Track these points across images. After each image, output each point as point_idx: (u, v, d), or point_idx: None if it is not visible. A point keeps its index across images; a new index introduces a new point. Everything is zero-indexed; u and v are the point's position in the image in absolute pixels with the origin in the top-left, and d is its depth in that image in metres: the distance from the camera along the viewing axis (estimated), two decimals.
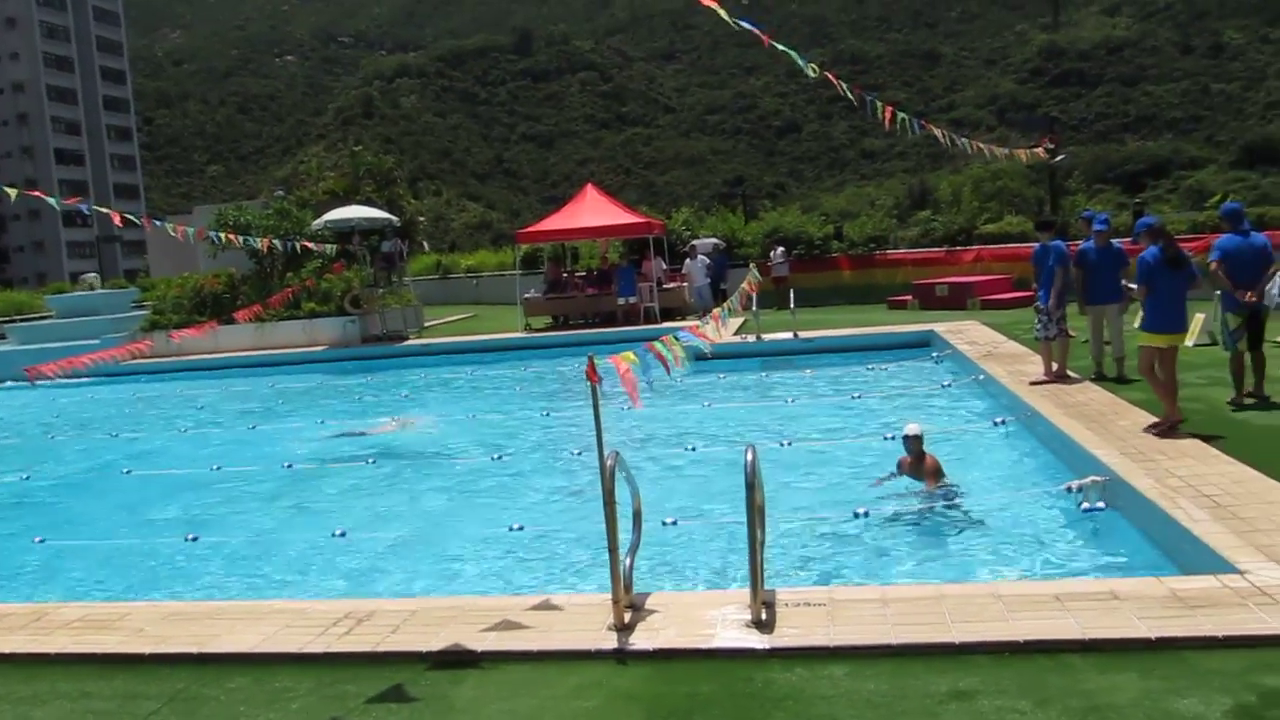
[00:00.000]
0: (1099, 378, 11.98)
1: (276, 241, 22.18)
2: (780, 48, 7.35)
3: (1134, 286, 9.67)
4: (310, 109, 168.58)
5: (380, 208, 27.81)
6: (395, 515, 9.66)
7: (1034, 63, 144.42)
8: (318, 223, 25.29)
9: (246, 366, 22.75)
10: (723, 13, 5.94)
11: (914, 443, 8.74)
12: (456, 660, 5.32)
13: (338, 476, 11.46)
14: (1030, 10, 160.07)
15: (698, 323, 8.50)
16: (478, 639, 5.50)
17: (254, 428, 15.22)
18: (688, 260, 25.88)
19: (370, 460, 11.92)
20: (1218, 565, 5.79)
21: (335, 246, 24.28)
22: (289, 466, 11.92)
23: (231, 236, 19.69)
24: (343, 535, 8.80)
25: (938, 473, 8.70)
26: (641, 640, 5.31)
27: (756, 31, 6.22)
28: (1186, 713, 4.24)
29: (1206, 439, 8.59)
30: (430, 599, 6.57)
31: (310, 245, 22.99)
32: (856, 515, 8.14)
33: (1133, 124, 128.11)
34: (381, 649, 5.51)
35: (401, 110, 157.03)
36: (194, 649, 5.68)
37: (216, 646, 5.70)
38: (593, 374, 5.43)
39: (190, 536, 9.10)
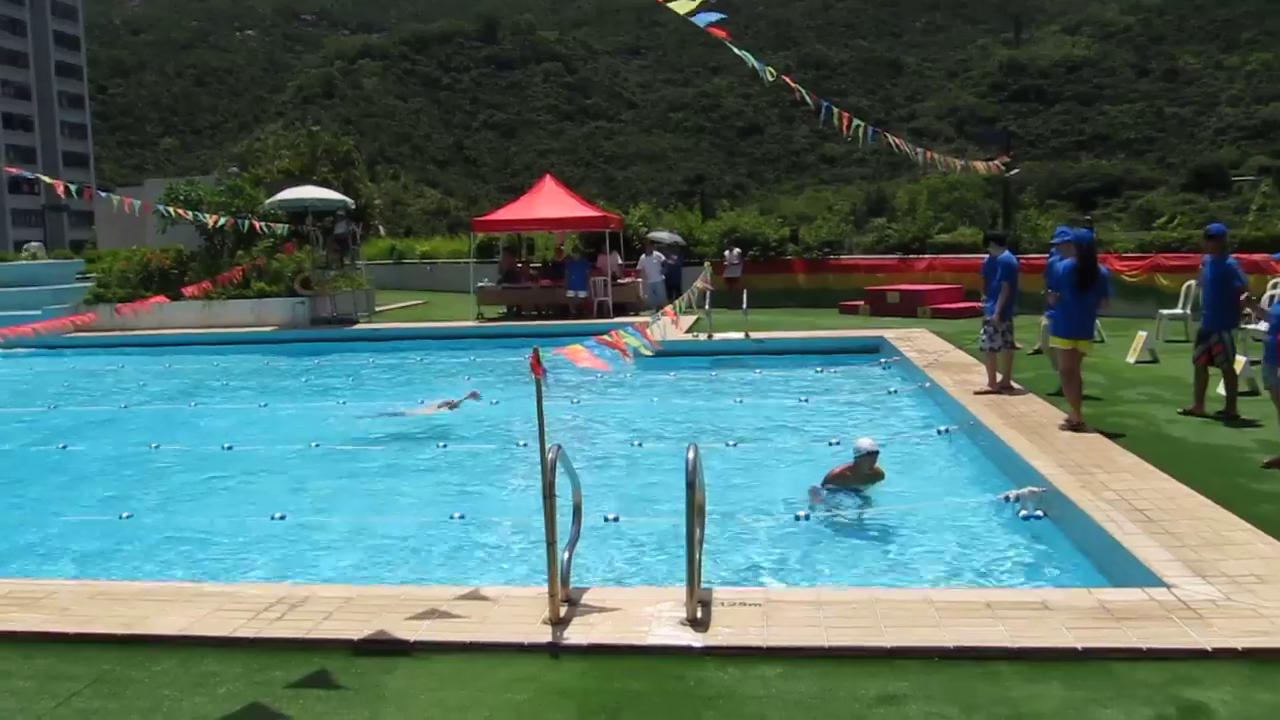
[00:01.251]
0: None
1: (226, 218, 21.85)
2: (736, 50, 7.35)
3: (1049, 294, 10.67)
4: (269, 86, 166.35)
5: (336, 189, 27.51)
6: (337, 500, 9.55)
7: (994, 77, 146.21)
8: (270, 201, 24.94)
9: (192, 344, 22.40)
10: (681, 10, 5.91)
11: (868, 459, 8.63)
12: (389, 649, 5.28)
13: (281, 460, 11.31)
14: (993, 25, 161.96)
15: (647, 319, 8.50)
16: (411, 628, 5.45)
17: (194, 405, 15.00)
18: (643, 256, 25.88)
19: (314, 445, 11.78)
20: (1146, 579, 5.90)
21: (287, 226, 23.97)
22: (228, 448, 11.75)
23: (181, 212, 19.36)
24: (282, 518, 8.70)
25: (876, 479, 8.76)
26: (576, 635, 5.30)
27: (718, 30, 6.21)
28: None
29: (1142, 454, 8.75)
30: (366, 587, 6.51)
31: (259, 225, 22.66)
32: (798, 518, 8.20)
33: (1088, 142, 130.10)
34: (314, 635, 5.44)
35: (363, 92, 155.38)
36: (120, 630, 5.58)
37: (144, 628, 5.59)
38: (537, 366, 5.41)
39: (124, 515, 8.95)
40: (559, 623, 5.43)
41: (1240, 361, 11.00)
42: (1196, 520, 6.87)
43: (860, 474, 8.64)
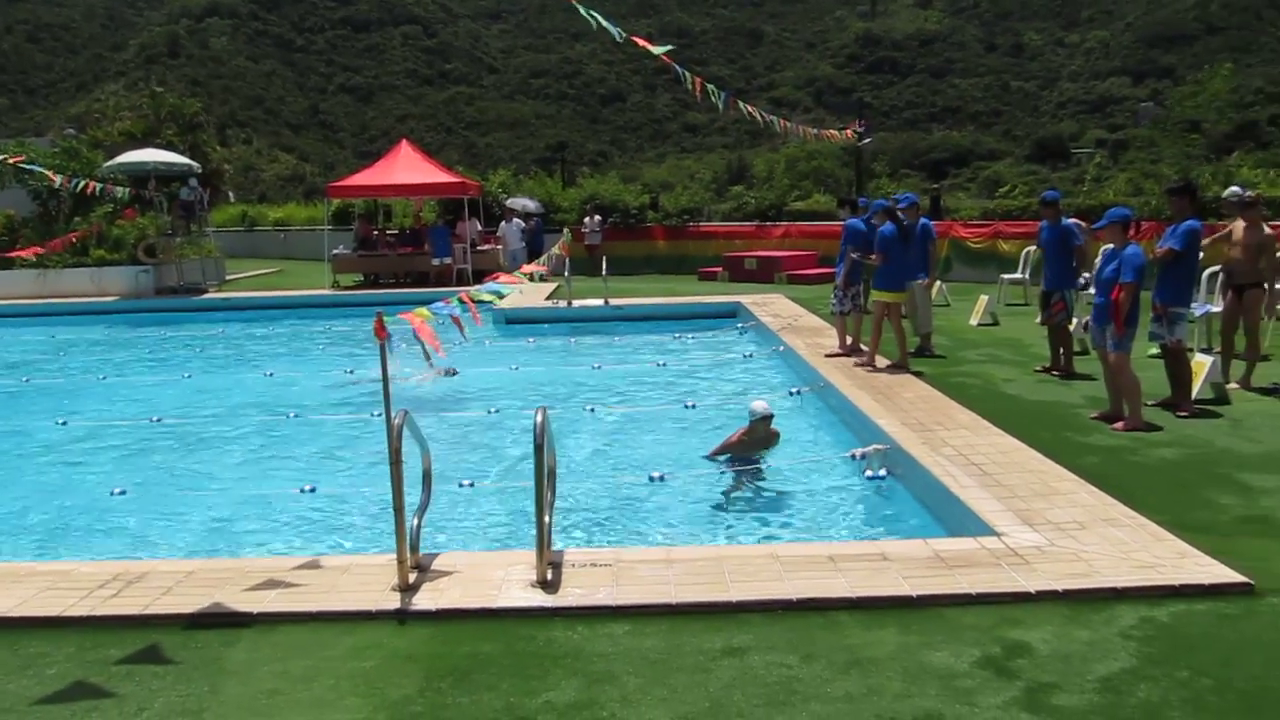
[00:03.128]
0: (919, 352, 12.50)
1: (61, 178, 20.71)
2: (583, 11, 7.31)
3: (872, 256, 11.66)
4: (109, 44, 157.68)
5: (182, 154, 26.38)
6: (180, 474, 9.23)
7: (851, 49, 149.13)
8: (110, 164, 23.77)
9: (25, 316, 21.22)
10: None
11: (764, 423, 8.63)
12: (230, 622, 5.14)
13: (120, 434, 10.85)
14: None
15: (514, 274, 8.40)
16: (254, 600, 5.33)
17: (27, 381, 14.25)
18: (503, 223, 25.65)
19: (155, 420, 11.33)
20: (979, 528, 6.18)
21: (128, 191, 22.88)
22: (63, 423, 11.21)
23: (16, 161, 18.17)
24: (122, 494, 8.36)
25: (770, 444, 8.80)
26: (425, 601, 5.26)
27: None
28: (939, 664, 4.50)
29: (980, 412, 9.14)
30: (209, 560, 6.32)
31: (93, 188, 21.54)
32: (652, 479, 8.28)
33: (939, 114, 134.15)
34: (151, 611, 5.26)
35: (211, 52, 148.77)
36: None
37: None
38: (381, 331, 5.31)
39: None
40: (408, 589, 5.38)
41: (1074, 322, 11.58)
42: (1027, 473, 7.22)
43: (756, 437, 8.64)
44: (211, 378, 14.16)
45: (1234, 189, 11.99)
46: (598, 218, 27.10)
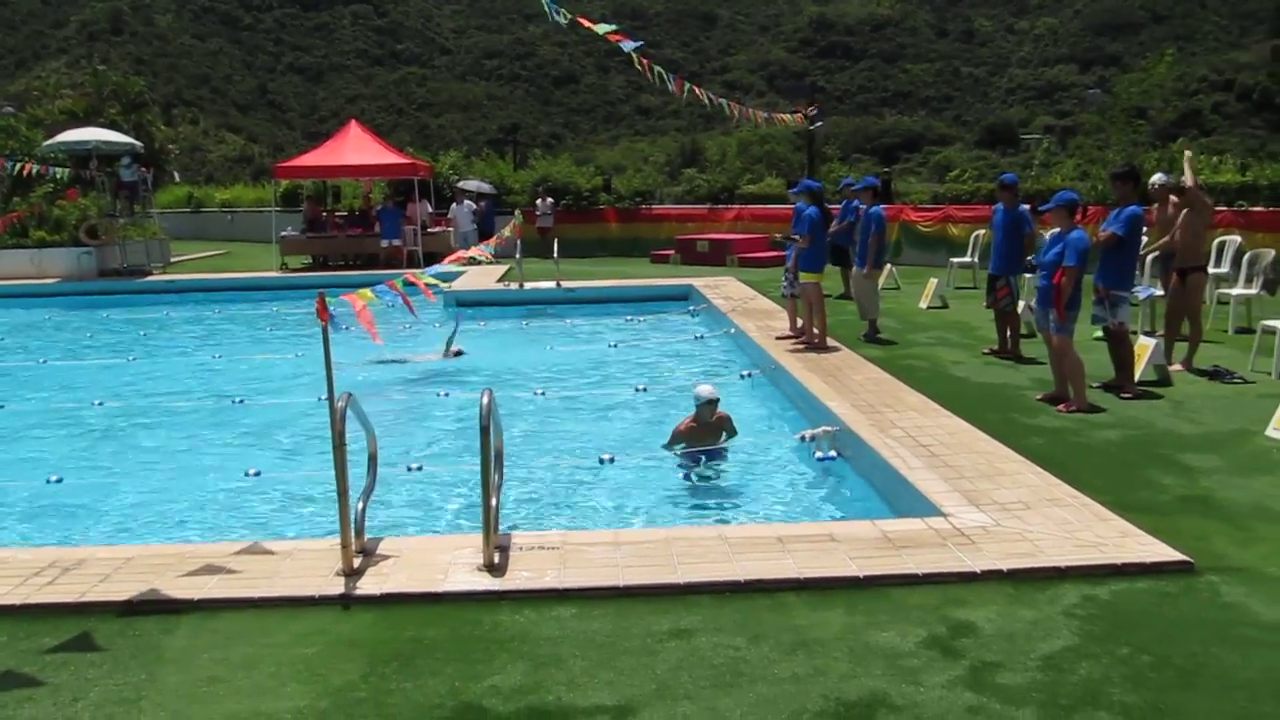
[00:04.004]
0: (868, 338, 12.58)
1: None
2: None
3: (796, 238, 11.93)
4: (50, 20, 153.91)
5: (126, 133, 25.84)
6: (122, 459, 9.06)
7: (804, 33, 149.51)
8: (49, 143, 23.22)
9: None
10: None
11: (708, 407, 8.36)
12: (169, 609, 5.04)
13: (60, 418, 10.62)
14: None
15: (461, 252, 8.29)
16: (195, 586, 5.23)
17: None
18: (454, 205, 25.43)
19: (97, 403, 11.10)
20: (926, 509, 6.22)
21: (68, 171, 22.38)
22: (0, 407, 10.95)
23: None
24: (59, 481, 8.16)
25: (721, 429, 8.55)
26: (370, 585, 5.20)
27: None
28: (885, 644, 4.52)
29: (929, 394, 9.21)
30: (148, 546, 6.19)
31: (30, 169, 21.04)
32: (601, 461, 8.25)
33: (891, 99, 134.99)
34: (88, 599, 5.15)
35: (155, 29, 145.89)
36: None
37: None
38: (323, 312, 5.22)
39: None
40: (352, 574, 5.31)
41: (1020, 305, 11.70)
42: (974, 454, 7.28)
43: (704, 422, 8.38)
44: (155, 361, 13.91)
45: (1160, 176, 12.16)
46: (550, 200, 26.95)
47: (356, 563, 5.40)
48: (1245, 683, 4.13)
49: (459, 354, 13.37)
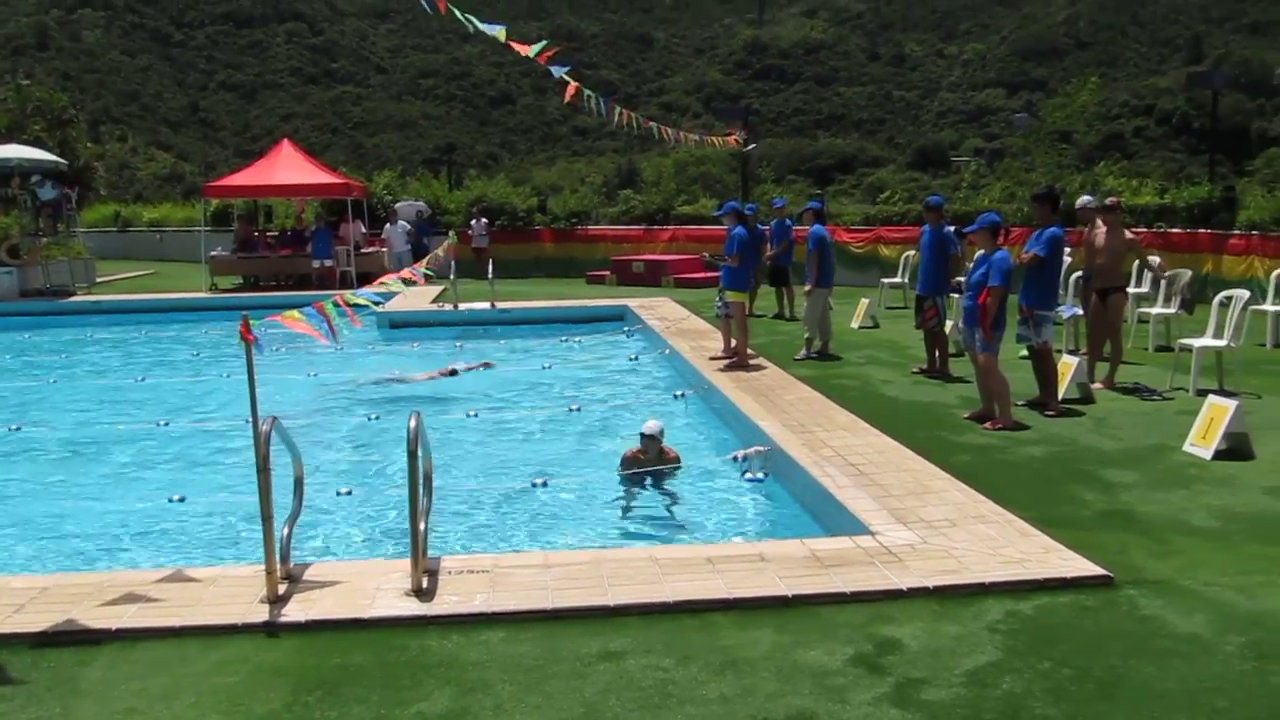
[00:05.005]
0: (818, 354, 12.74)
1: None
2: (459, 14, 7.22)
3: (726, 258, 12.14)
4: None
5: (51, 150, 25.26)
6: (40, 485, 8.82)
7: (739, 56, 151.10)
8: None
9: None
10: None
11: (653, 442, 8.31)
12: (85, 639, 4.91)
13: None
14: (738, 6, 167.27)
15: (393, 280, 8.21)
16: (113, 616, 5.10)
17: None
18: (388, 225, 25.23)
19: (14, 427, 10.80)
20: (855, 527, 6.29)
21: None
22: None
23: None
24: None
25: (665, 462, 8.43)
26: (295, 612, 5.11)
27: None
28: (813, 663, 4.55)
29: (859, 412, 9.32)
30: (65, 575, 6.02)
31: None
32: (534, 485, 8.22)
33: (824, 121, 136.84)
34: (1, 630, 4.99)
35: (83, 45, 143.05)
36: None
37: None
38: (247, 334, 5.14)
39: None
40: (277, 601, 5.21)
41: (948, 325, 11.91)
42: (902, 472, 7.38)
43: (649, 458, 8.31)
44: (76, 384, 13.58)
45: (1086, 198, 12.51)
46: (484, 220, 26.86)
47: (282, 589, 5.31)
48: (1162, 693, 4.23)
49: (452, 373, 13.31)
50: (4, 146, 23.37)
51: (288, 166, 24.05)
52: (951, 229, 11.68)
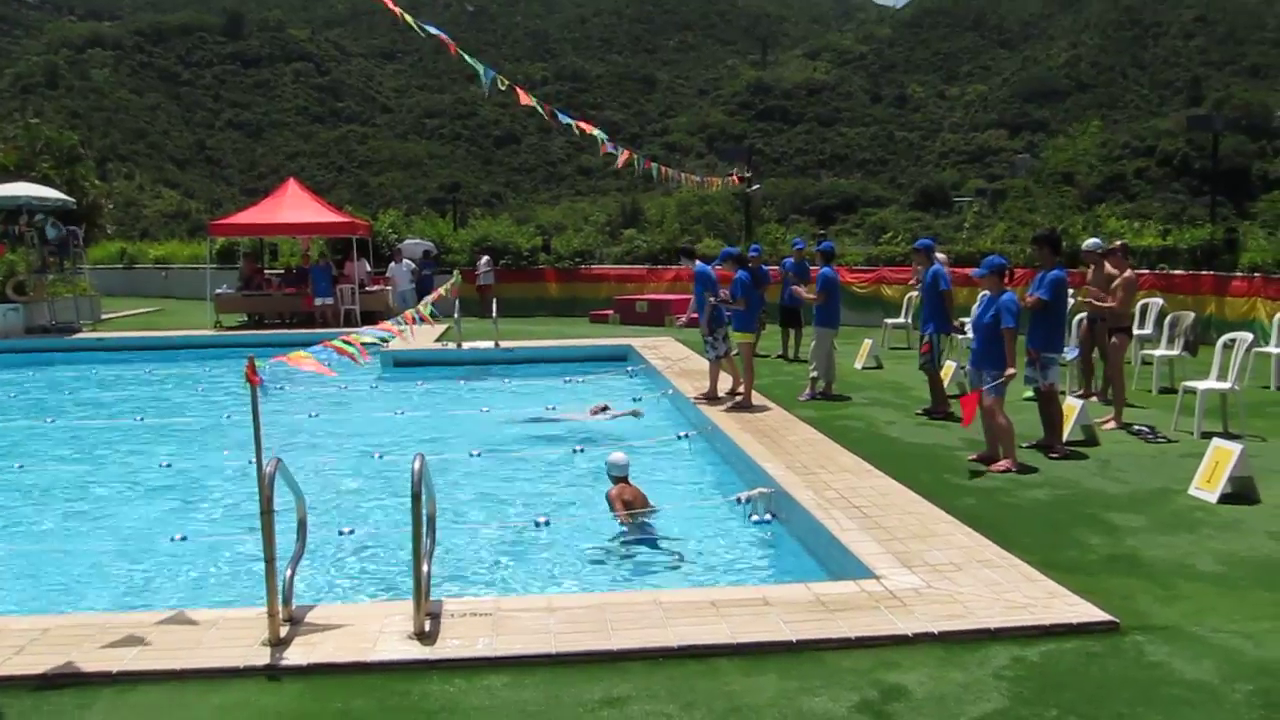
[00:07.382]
0: (822, 395, 12.72)
1: None
2: (468, 59, 7.31)
3: (730, 299, 12.18)
4: None
5: (59, 188, 25.44)
6: (43, 524, 8.79)
7: (742, 96, 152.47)
8: None
9: None
10: (408, 18, 5.82)
11: (620, 473, 8.24)
12: (86, 682, 4.88)
13: None
14: (741, 47, 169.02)
15: (392, 322, 8.25)
16: (114, 658, 5.07)
17: None
18: (392, 264, 25.34)
19: (18, 466, 10.79)
20: (859, 571, 6.25)
21: None
22: None
23: None
24: None
25: (634, 503, 8.28)
26: (296, 655, 5.08)
27: (444, 37, 6.14)
28: (818, 709, 4.52)
29: (863, 454, 9.30)
30: (66, 615, 6.00)
31: None
32: (538, 525, 8.19)
33: (827, 161, 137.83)
34: (1, 672, 4.96)
35: (91, 84, 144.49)
36: None
37: None
38: (253, 375, 5.16)
39: None
40: (279, 644, 5.19)
41: (951, 366, 11.91)
42: (906, 515, 7.35)
43: (624, 494, 8.19)
44: (80, 421, 13.58)
45: (1093, 241, 12.53)
46: (486, 258, 26.98)
47: (284, 632, 5.29)
48: None
49: (606, 410, 13.13)
50: (13, 185, 23.55)
51: (293, 205, 24.18)
52: (939, 265, 11.66)
